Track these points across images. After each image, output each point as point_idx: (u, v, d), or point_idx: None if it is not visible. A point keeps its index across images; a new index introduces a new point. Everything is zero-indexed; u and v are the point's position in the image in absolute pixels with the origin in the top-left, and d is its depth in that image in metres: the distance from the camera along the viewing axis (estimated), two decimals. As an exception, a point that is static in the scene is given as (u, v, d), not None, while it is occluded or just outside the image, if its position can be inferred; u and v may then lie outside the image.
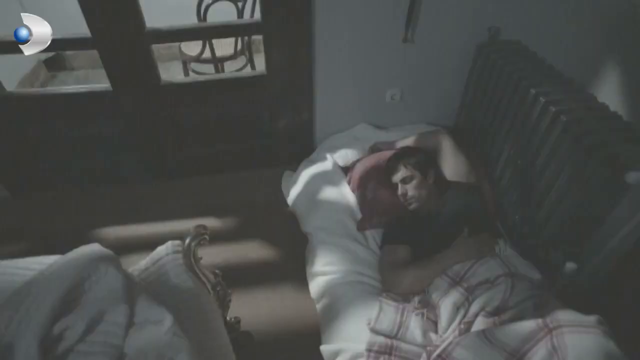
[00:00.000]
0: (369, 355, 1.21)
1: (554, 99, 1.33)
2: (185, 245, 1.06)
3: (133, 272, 1.07)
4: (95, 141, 1.85)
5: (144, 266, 1.10)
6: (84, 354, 0.86)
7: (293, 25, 1.62)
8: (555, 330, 0.91)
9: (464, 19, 1.67)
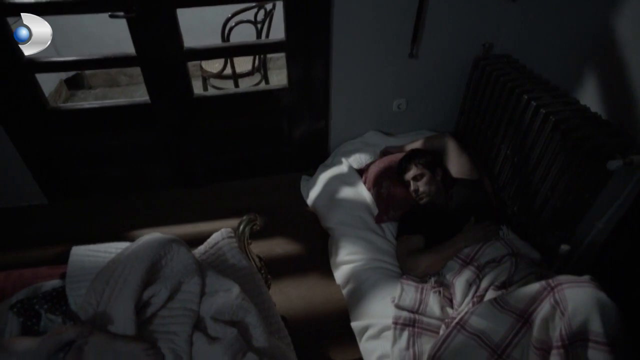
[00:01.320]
0: (395, 327, 1.38)
1: (544, 102, 1.56)
2: (239, 230, 1.23)
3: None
4: (130, 150, 2.02)
5: (203, 250, 1.26)
6: (167, 317, 1.02)
7: (312, 44, 1.84)
8: (556, 287, 1.10)
9: (461, 36, 1.91)
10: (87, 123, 1.89)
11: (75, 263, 1.12)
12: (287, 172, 2.24)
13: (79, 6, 1.56)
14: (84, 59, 1.72)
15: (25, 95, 1.74)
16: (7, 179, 1.98)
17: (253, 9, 2.22)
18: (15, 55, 1.63)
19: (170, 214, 2.05)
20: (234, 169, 2.20)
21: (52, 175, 2.02)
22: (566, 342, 1.04)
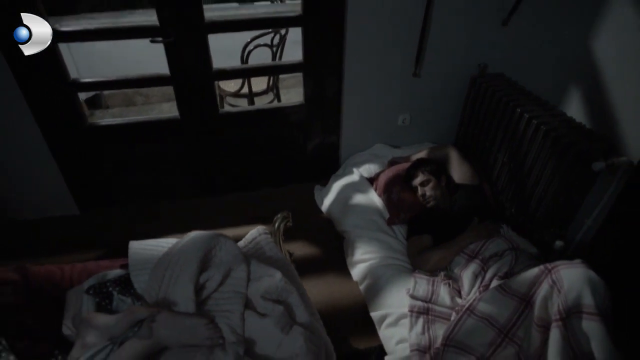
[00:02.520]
0: (411, 315, 1.54)
1: (535, 114, 1.77)
2: (275, 226, 1.40)
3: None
4: (158, 162, 2.19)
5: (243, 245, 1.43)
6: (220, 299, 1.18)
7: (327, 65, 2.05)
8: (553, 269, 1.28)
9: (459, 57, 2.13)
10: (120, 137, 2.06)
11: (135, 255, 1.28)
12: (301, 182, 2.42)
13: (126, 33, 1.76)
14: (123, 78, 1.91)
15: (68, 113, 1.92)
16: (45, 191, 2.13)
17: (269, 34, 2.45)
18: (63, 76, 1.81)
19: (195, 221, 2.20)
20: (252, 180, 2.37)
21: (85, 186, 2.17)
22: (563, 315, 1.21)
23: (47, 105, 1.87)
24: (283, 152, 2.33)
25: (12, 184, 2.07)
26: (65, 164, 2.06)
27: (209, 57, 1.90)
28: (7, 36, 1.65)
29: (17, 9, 1.52)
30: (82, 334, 1.04)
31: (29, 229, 2.19)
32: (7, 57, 1.71)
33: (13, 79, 1.76)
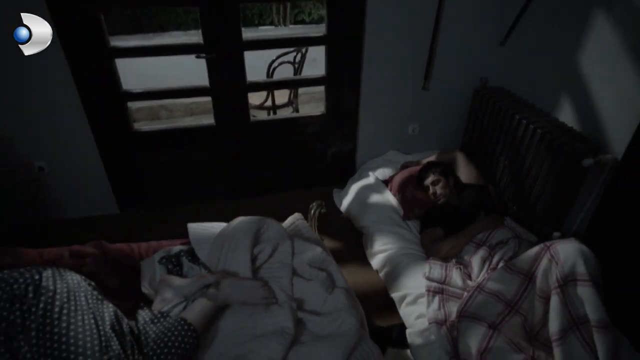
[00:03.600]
0: (428, 294, 1.74)
1: (532, 120, 2.02)
2: (312, 212, 1.62)
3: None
4: (193, 166, 2.42)
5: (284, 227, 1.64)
6: (270, 268, 1.39)
7: (346, 79, 2.31)
8: (551, 246, 1.49)
9: (463, 72, 2.41)
10: (161, 142, 2.30)
11: (194, 233, 1.50)
12: (321, 185, 2.65)
13: (174, 49, 2.02)
14: (168, 89, 2.17)
15: (118, 120, 2.16)
16: (90, 192, 2.35)
17: (292, 53, 2.73)
18: (116, 87, 2.06)
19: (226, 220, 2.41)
20: (277, 183, 2.60)
21: (126, 187, 2.39)
22: (561, 283, 1.42)
23: (101, 113, 2.11)
24: (305, 159, 2.57)
25: (63, 185, 2.30)
26: (111, 166, 2.28)
27: (244, 71, 2.16)
28: (76, 53, 1.91)
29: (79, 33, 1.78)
30: (161, 291, 1.25)
31: (72, 227, 2.39)
32: (73, 70, 1.96)
33: (75, 90, 2.01)
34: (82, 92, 2.03)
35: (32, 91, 1.99)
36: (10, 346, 0.95)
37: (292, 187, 2.64)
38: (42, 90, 1.99)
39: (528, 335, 1.55)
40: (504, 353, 1.45)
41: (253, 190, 2.57)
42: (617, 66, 1.69)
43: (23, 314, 0.95)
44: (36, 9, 1.76)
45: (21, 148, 2.14)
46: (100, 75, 2.01)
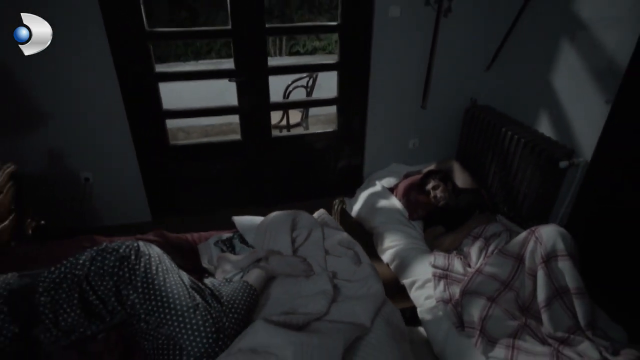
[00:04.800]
0: (434, 279, 2.02)
1: (516, 132, 2.37)
2: (335, 207, 1.92)
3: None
4: (220, 176, 2.71)
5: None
6: (306, 249, 1.67)
7: (355, 99, 2.66)
8: (535, 230, 1.80)
9: (456, 93, 2.78)
10: (193, 155, 2.61)
11: (240, 223, 1.79)
12: (332, 195, 2.93)
13: (210, 74, 2.36)
14: (203, 108, 2.50)
15: (157, 135, 2.47)
16: (127, 200, 2.62)
17: (305, 78, 3.10)
18: (158, 107, 2.38)
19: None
20: (294, 192, 2.89)
21: (160, 196, 2.67)
22: (545, 259, 1.72)
23: (143, 129, 2.42)
24: (318, 171, 2.89)
25: (104, 194, 2.57)
26: (148, 177, 2.57)
27: (268, 93, 2.50)
28: (127, 76, 2.24)
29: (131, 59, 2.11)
30: (221, 265, 1.52)
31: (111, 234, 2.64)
32: (123, 91, 2.28)
33: (124, 108, 2.32)
34: (129, 110, 2.34)
35: (85, 109, 2.30)
36: (119, 295, 1.22)
37: (306, 196, 2.93)
38: (94, 108, 2.30)
39: (520, 308, 1.83)
40: (501, 319, 1.73)
41: (272, 199, 2.86)
42: (583, 84, 2.06)
43: (129, 271, 1.23)
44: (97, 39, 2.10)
45: (71, 160, 2.43)
46: (145, 96, 2.33)
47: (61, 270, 1.24)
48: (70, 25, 2.07)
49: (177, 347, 1.16)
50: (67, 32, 2.06)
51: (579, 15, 2.03)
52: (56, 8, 2.01)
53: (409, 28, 2.50)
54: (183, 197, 2.73)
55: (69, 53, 2.13)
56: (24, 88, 2.15)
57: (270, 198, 2.86)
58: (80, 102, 2.27)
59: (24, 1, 1.90)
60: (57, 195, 2.43)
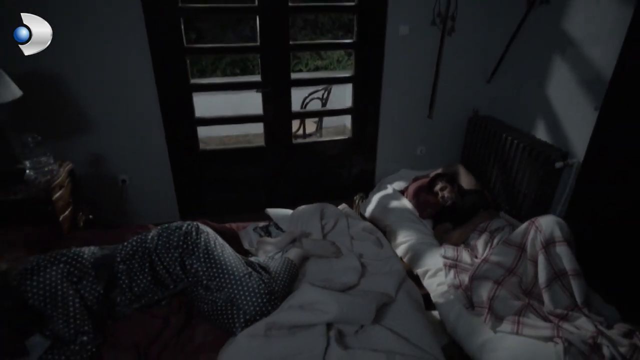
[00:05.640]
0: (445, 268, 2.23)
1: (515, 137, 2.62)
2: (356, 202, 2.15)
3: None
4: (243, 181, 2.94)
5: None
6: (334, 235, 1.89)
7: (368, 109, 2.92)
8: (535, 220, 2.02)
9: (459, 104, 3.05)
10: (221, 160, 2.84)
11: (274, 214, 2.02)
12: (346, 198, 3.17)
13: (241, 86, 2.62)
14: (231, 116, 2.75)
15: (189, 141, 2.71)
16: (158, 201, 2.84)
17: (320, 91, 3.37)
18: (191, 115, 2.63)
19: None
20: (310, 195, 3.09)
21: (188, 198, 2.90)
22: (544, 245, 1.94)
23: (177, 135, 2.66)
24: (334, 175, 3.12)
25: (138, 195, 2.79)
26: (179, 179, 2.80)
27: (290, 103, 2.76)
28: (165, 86, 2.49)
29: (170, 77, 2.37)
30: (262, 247, 1.74)
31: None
32: (161, 100, 2.53)
33: (160, 116, 2.57)
34: (165, 118, 2.59)
35: (126, 117, 2.54)
36: (183, 265, 1.44)
37: (323, 199, 3.13)
38: (134, 116, 2.55)
39: (524, 291, 2.04)
40: (506, 299, 1.94)
41: (290, 201, 3.06)
42: (574, 94, 2.32)
43: (192, 244, 1.45)
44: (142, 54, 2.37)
45: (110, 163, 2.66)
46: (180, 105, 2.58)
47: (133, 244, 1.47)
48: (118, 43, 2.33)
49: (234, 308, 1.37)
50: (115, 49, 2.33)
51: (568, 34, 2.31)
52: (112, 32, 2.28)
53: (417, 45, 2.78)
54: (209, 199, 2.96)
55: (116, 67, 2.39)
56: (76, 97, 2.40)
57: (289, 200, 3.08)
58: (122, 111, 2.52)
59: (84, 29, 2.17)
60: (98, 194, 2.65)
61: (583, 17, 2.22)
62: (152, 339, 1.33)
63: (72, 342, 1.22)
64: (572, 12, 2.28)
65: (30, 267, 1.28)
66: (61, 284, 1.28)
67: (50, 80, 2.30)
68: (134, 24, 2.31)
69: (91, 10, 2.22)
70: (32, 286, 1.24)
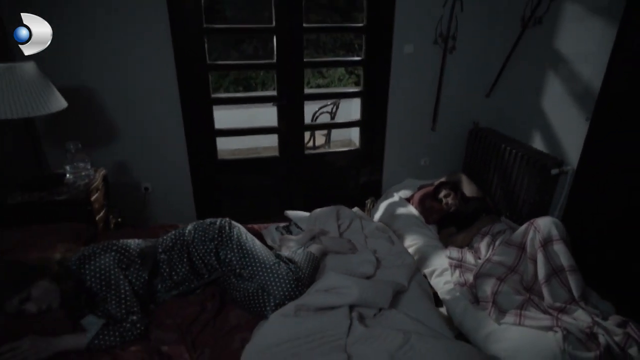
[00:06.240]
0: (450, 267, 2.38)
1: (514, 147, 2.81)
2: (368, 205, 2.31)
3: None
4: (257, 188, 3.11)
5: (351, 213, 2.33)
6: (349, 234, 2.05)
7: (375, 122, 3.12)
8: (534, 221, 2.19)
9: (460, 117, 3.25)
10: (238, 169, 3.02)
11: (293, 215, 2.19)
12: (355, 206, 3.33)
13: (258, 99, 2.82)
14: (248, 128, 2.94)
15: (209, 150, 2.90)
16: (176, 207, 3.00)
17: (329, 105, 3.58)
18: (211, 126, 2.82)
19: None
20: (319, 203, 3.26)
21: (206, 204, 3.06)
22: (543, 244, 2.10)
23: (197, 145, 2.85)
24: (343, 184, 3.30)
25: (160, 202, 2.96)
26: (198, 187, 2.97)
27: (303, 116, 2.96)
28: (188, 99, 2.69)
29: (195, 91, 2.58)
30: (285, 244, 1.90)
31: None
32: (184, 113, 2.72)
33: (183, 127, 2.76)
34: (187, 129, 2.78)
35: (150, 128, 2.73)
36: (218, 256, 1.60)
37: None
38: (158, 127, 2.74)
39: (525, 288, 2.19)
40: (509, 294, 2.08)
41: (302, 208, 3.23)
42: (567, 106, 2.52)
43: (226, 237, 1.61)
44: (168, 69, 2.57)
45: (134, 171, 2.84)
46: (201, 117, 2.78)
47: (172, 237, 1.63)
48: (148, 60, 2.54)
49: (265, 293, 1.53)
50: (145, 66, 2.54)
51: (560, 52, 2.52)
52: (143, 48, 2.49)
53: (421, 62, 3.00)
54: (225, 206, 3.12)
55: (145, 83, 2.59)
56: (106, 110, 2.60)
57: (301, 207, 3.24)
58: (148, 123, 2.71)
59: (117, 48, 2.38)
60: (123, 200, 2.81)
61: (572, 37, 2.44)
62: (192, 321, 1.48)
63: (124, 321, 1.37)
64: (562, 33, 2.50)
65: (88, 254, 1.44)
66: (113, 269, 1.43)
67: (85, 94, 2.50)
68: (162, 43, 2.52)
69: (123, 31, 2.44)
70: (90, 269, 1.40)
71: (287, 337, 1.32)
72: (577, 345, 1.79)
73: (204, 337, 1.43)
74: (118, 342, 1.34)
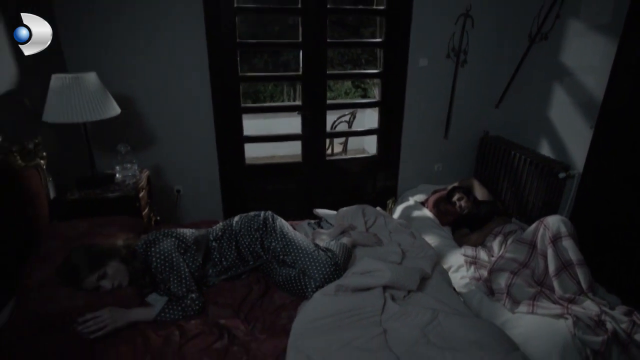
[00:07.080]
0: (466, 264, 2.56)
1: (523, 154, 3.00)
2: (389, 205, 2.50)
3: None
4: (280, 191, 3.31)
5: (374, 212, 2.52)
6: (374, 230, 2.24)
7: (392, 130, 3.33)
8: (544, 220, 2.36)
9: (471, 126, 3.45)
10: (264, 174, 3.23)
11: (323, 213, 2.38)
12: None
13: (284, 108, 3.04)
14: (273, 135, 3.15)
15: (237, 157, 3.10)
16: (206, 209, 3.20)
17: (347, 115, 3.80)
18: (240, 133, 3.04)
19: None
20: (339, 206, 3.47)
21: (233, 206, 3.25)
22: (552, 240, 2.27)
23: (227, 150, 3.06)
24: (361, 189, 3.49)
25: (190, 204, 3.15)
26: (226, 190, 3.17)
27: (325, 124, 3.17)
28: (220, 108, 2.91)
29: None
30: (318, 237, 2.09)
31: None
32: (215, 120, 2.94)
33: (214, 134, 2.98)
34: (218, 135, 2.99)
35: (185, 134, 2.95)
36: (263, 244, 1.79)
37: (350, 210, 3.50)
38: (192, 132, 2.95)
39: (536, 282, 2.36)
40: (522, 287, 2.25)
41: (323, 211, 3.44)
42: (572, 115, 2.72)
43: (270, 227, 1.80)
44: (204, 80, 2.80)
45: (167, 174, 3.04)
46: (231, 124, 2.99)
47: (221, 227, 1.83)
48: (186, 73, 2.78)
49: (306, 277, 1.71)
50: (183, 78, 2.78)
51: (565, 64, 2.74)
52: (182, 62, 2.73)
53: (434, 75, 3.22)
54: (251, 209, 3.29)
55: (181, 92, 2.82)
56: (146, 117, 2.82)
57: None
58: (181, 129, 2.93)
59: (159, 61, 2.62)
60: (156, 201, 3.01)
61: (576, 52, 2.66)
62: (241, 301, 1.66)
63: (185, 298, 1.56)
64: (567, 47, 2.72)
65: (152, 239, 1.63)
66: (174, 252, 1.62)
67: (129, 102, 2.72)
68: (199, 57, 2.76)
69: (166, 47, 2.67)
70: (155, 252, 1.59)
71: (330, 312, 1.50)
72: (586, 330, 1.95)
73: (254, 313, 1.61)
74: (181, 316, 1.52)
